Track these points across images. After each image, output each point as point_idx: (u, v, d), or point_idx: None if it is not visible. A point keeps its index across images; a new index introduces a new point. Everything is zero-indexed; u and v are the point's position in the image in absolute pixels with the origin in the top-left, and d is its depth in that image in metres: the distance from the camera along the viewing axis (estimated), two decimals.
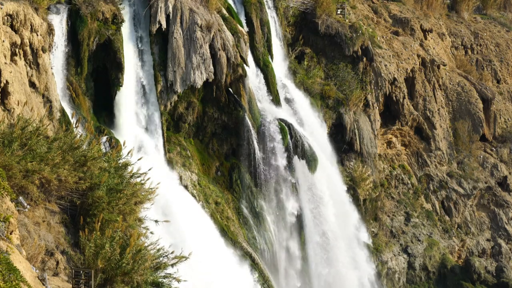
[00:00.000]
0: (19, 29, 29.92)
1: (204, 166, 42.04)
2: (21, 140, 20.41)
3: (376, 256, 51.35)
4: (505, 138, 63.13)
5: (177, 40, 39.38)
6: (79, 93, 35.70)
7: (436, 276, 54.23)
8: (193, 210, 38.21)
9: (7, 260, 14.71)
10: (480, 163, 60.49)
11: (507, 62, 68.75)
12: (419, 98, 58.02)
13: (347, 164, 50.43)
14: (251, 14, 45.61)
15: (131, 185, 22.04)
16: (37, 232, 19.61)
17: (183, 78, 39.54)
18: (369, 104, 52.79)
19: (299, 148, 43.80)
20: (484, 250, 57.61)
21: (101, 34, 36.25)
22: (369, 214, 51.76)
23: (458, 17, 70.06)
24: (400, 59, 56.73)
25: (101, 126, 35.95)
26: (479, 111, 61.15)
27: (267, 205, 43.28)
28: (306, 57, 51.59)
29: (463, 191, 58.06)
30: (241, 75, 41.66)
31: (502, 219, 59.11)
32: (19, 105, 27.72)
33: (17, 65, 29.33)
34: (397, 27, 60.96)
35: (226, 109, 42.01)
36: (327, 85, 50.51)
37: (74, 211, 21.47)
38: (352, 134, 50.38)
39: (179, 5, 39.68)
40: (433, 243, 54.71)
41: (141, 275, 19.28)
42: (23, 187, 19.80)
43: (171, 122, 40.59)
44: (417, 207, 55.97)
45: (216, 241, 38.16)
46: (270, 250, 42.62)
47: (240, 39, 42.02)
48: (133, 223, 21.88)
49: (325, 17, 51.61)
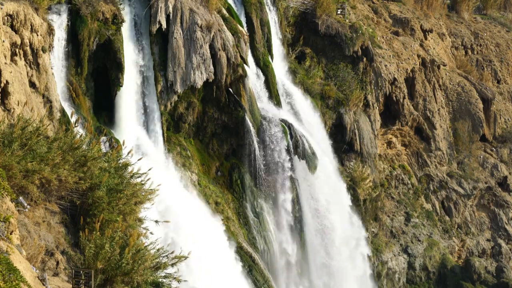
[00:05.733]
0: (19, 29, 29.93)
1: (204, 166, 42.04)
2: (21, 140, 20.39)
3: (376, 256, 51.35)
4: (505, 138, 63.13)
5: (177, 40, 39.39)
6: (79, 93, 35.70)
7: (436, 276, 54.22)
8: (193, 210, 38.18)
9: (7, 260, 14.71)
10: (480, 163, 60.48)
11: (507, 62, 68.75)
12: (419, 98, 58.03)
13: (347, 164, 50.43)
14: (251, 14, 45.59)
15: (131, 185, 22.04)
16: (37, 232, 19.61)
17: (183, 78, 39.54)
18: (369, 104, 52.80)
19: (299, 148, 43.80)
20: (484, 250, 57.60)
21: (101, 34, 36.24)
22: (369, 214, 51.76)
23: (458, 17, 70.06)
24: (400, 59, 56.74)
25: (101, 126, 35.93)
26: (479, 111, 61.15)
27: (267, 205, 43.27)
28: (306, 57, 51.59)
29: (463, 191, 58.06)
30: (241, 75, 41.66)
31: (502, 219, 59.11)
32: (19, 105, 27.72)
33: (17, 65, 29.33)
34: (397, 27, 60.97)
35: (226, 109, 42.00)
36: (327, 85, 50.51)
37: (74, 211, 21.47)
38: (352, 134, 50.38)
39: (179, 5, 39.68)
40: (433, 243, 54.71)
41: (141, 275, 19.27)
42: (23, 187, 19.79)
43: (171, 122, 40.58)
44: (417, 207, 55.96)
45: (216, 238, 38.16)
46: (270, 250, 42.63)
47: (240, 39, 42.01)
48: (133, 223, 21.88)
49: (325, 17, 51.60)
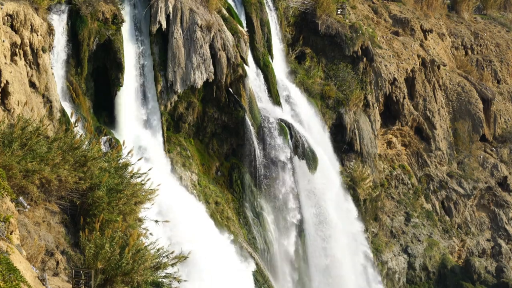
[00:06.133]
0: (19, 29, 29.93)
1: (204, 166, 42.03)
2: (21, 140, 20.38)
3: (376, 256, 51.35)
4: (505, 138, 63.13)
5: (177, 40, 39.39)
6: (79, 93, 35.70)
7: (436, 276, 54.21)
8: (193, 210, 38.18)
9: (7, 260, 14.71)
10: (480, 163, 60.48)
11: (507, 62, 68.75)
12: (419, 98, 58.03)
13: (347, 164, 50.43)
14: (251, 14, 45.59)
15: (131, 185, 22.03)
16: (37, 232, 19.60)
17: (183, 78, 39.54)
18: (369, 104, 52.80)
19: (299, 148, 43.80)
20: (484, 250, 57.60)
21: (101, 34, 36.25)
22: (369, 214, 51.75)
23: (458, 17, 70.06)
24: (400, 59, 56.74)
25: (101, 126, 35.93)
26: (479, 111, 61.15)
27: (267, 205, 43.27)
28: (306, 57, 51.59)
29: (463, 191, 58.06)
30: (241, 75, 41.65)
31: (502, 219, 59.11)
32: (19, 105, 27.72)
33: (17, 65, 29.33)
34: (397, 27, 60.96)
35: (226, 109, 42.00)
36: (327, 85, 50.51)
37: (74, 211, 21.46)
38: (352, 134, 50.38)
39: (179, 5, 39.68)
40: (433, 243, 54.71)
41: (141, 275, 19.26)
42: (23, 187, 19.78)
43: (171, 122, 40.58)
44: (417, 207, 55.96)
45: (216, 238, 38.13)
46: (270, 250, 42.63)
47: (240, 39, 42.01)
48: (133, 223, 21.87)
49: (325, 17, 51.60)
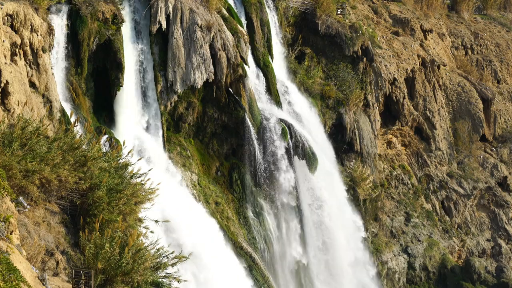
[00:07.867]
0: (19, 29, 29.93)
1: (204, 166, 42.03)
2: (21, 140, 20.39)
3: (376, 256, 51.34)
4: (505, 138, 63.12)
5: (177, 40, 39.39)
6: (79, 93, 35.70)
7: (436, 276, 54.20)
8: (193, 210, 38.19)
9: (7, 260, 14.71)
10: (480, 163, 60.47)
11: (507, 62, 68.73)
12: (419, 98, 58.02)
13: (347, 164, 50.41)
14: (251, 14, 45.60)
15: (131, 185, 22.03)
16: (37, 232, 19.60)
17: (183, 78, 39.54)
18: (369, 104, 52.78)
19: (299, 148, 43.80)
20: (484, 250, 57.59)
21: (101, 34, 36.24)
22: (369, 214, 51.74)
23: (458, 17, 70.04)
24: (400, 59, 56.73)
25: (101, 126, 35.92)
26: (479, 111, 61.14)
27: (267, 205, 43.27)
28: (306, 57, 51.58)
29: (463, 191, 58.05)
30: (241, 75, 41.66)
31: (502, 219, 59.11)
32: (19, 105, 27.72)
33: (17, 65, 29.33)
34: (397, 27, 60.95)
35: (226, 109, 42.00)
36: (327, 85, 50.50)
37: (74, 211, 21.46)
38: (352, 134, 50.36)
39: (179, 5, 39.68)
40: (433, 243, 54.70)
41: (141, 275, 19.27)
42: (23, 187, 19.78)
43: (171, 122, 40.58)
44: (417, 207, 55.95)
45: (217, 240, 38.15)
46: (270, 250, 42.62)
47: (240, 39, 42.01)
48: (133, 223, 21.88)
49: (325, 17, 51.59)
